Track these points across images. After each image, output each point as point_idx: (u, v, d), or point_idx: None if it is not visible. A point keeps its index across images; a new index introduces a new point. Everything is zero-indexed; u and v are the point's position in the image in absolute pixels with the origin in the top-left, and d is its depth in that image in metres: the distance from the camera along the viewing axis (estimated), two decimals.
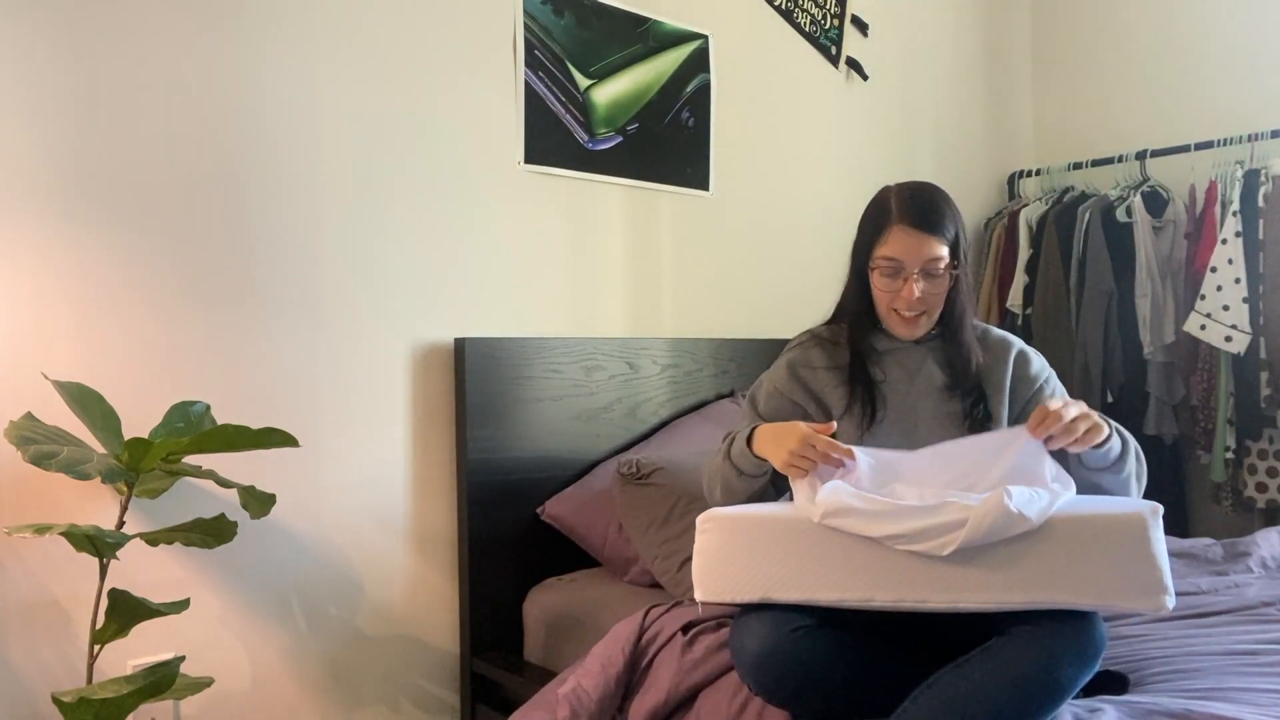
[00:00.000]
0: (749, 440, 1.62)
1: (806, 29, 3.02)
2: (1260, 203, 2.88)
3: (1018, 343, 1.76)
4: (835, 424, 1.56)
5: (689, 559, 1.97)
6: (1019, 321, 3.31)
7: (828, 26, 3.08)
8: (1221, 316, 2.86)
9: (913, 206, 1.64)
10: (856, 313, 1.73)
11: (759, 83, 2.90)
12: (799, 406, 1.72)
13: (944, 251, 1.63)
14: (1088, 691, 1.42)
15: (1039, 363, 1.75)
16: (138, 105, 1.88)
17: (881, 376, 1.70)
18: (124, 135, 1.87)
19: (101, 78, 1.84)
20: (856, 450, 1.52)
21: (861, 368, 1.70)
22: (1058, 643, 1.32)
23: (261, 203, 2.02)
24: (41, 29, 1.78)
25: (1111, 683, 1.49)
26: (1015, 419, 1.68)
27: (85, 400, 1.71)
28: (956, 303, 1.69)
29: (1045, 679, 1.31)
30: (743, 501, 1.68)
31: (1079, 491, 1.51)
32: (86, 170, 1.83)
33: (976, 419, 1.67)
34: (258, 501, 1.73)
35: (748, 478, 1.65)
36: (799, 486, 1.52)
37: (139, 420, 1.82)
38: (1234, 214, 2.89)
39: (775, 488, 1.70)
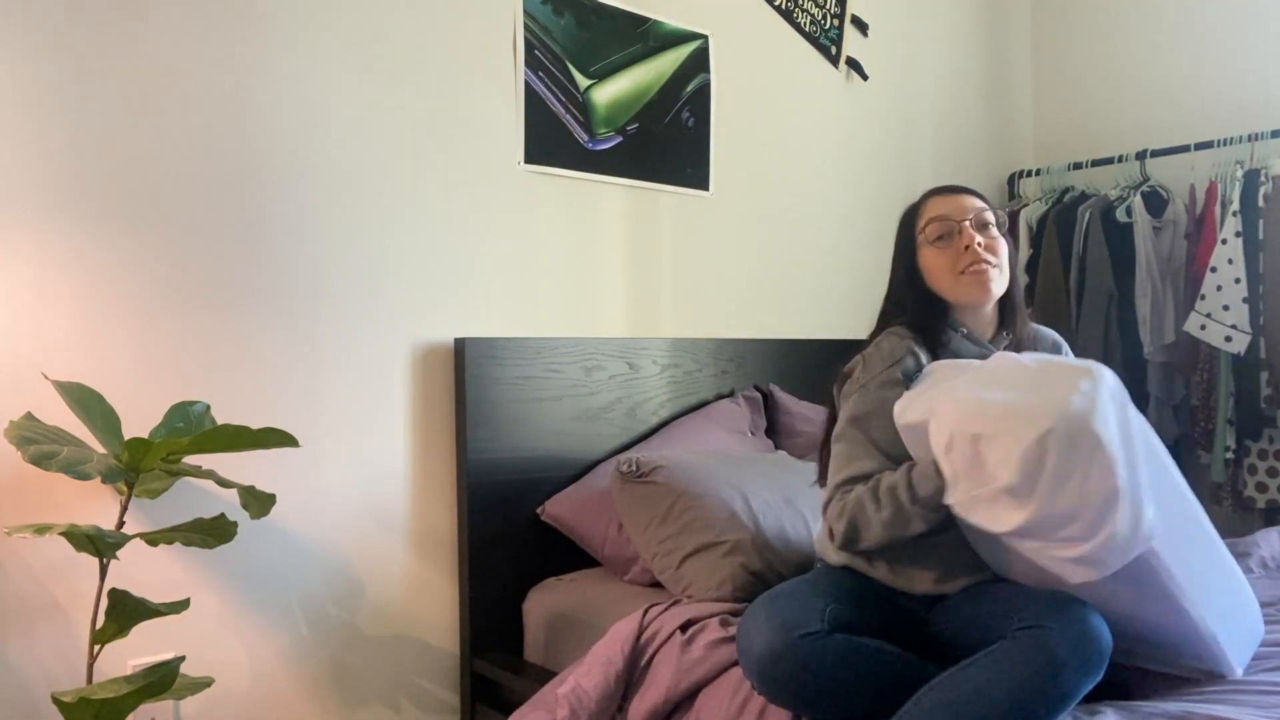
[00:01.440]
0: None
1: (806, 29, 3.02)
2: (1260, 203, 2.88)
3: (1062, 340, 1.82)
4: None
5: (688, 556, 1.98)
6: None
7: (828, 26, 3.08)
8: (1221, 316, 2.86)
9: (941, 186, 1.72)
10: (925, 317, 1.67)
11: (759, 83, 2.90)
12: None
13: (989, 215, 1.67)
14: (1088, 699, 1.42)
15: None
16: (139, 106, 1.88)
17: None
18: (125, 136, 1.87)
19: (103, 78, 1.84)
20: None
21: None
22: (1063, 649, 1.31)
23: (261, 203, 2.02)
24: (42, 29, 1.78)
25: (1113, 692, 1.48)
26: None
27: (85, 400, 1.71)
28: (1015, 295, 1.71)
29: (1048, 685, 1.29)
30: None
31: None
32: (87, 170, 1.83)
33: None
34: (258, 501, 1.73)
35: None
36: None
37: (139, 420, 1.82)
38: (1234, 214, 2.89)
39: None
